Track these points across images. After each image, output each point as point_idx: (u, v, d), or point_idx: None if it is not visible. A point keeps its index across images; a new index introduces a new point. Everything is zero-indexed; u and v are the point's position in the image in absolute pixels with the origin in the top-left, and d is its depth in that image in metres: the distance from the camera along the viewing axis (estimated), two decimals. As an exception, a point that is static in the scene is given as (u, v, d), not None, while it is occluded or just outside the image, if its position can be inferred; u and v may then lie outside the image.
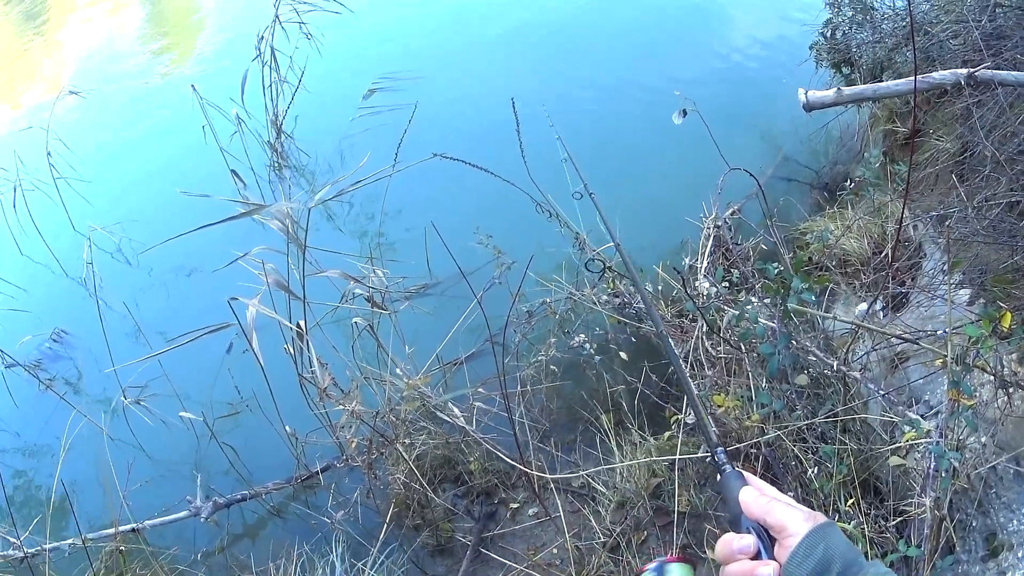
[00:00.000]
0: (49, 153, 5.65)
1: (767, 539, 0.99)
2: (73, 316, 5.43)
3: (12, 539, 3.78)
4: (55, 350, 5.36)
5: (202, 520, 3.93)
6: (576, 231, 3.52)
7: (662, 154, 5.41)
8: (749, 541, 0.98)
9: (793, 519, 0.96)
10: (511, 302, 3.19)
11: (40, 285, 5.77)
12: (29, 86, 9.59)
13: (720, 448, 1.16)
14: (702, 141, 3.69)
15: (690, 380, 1.32)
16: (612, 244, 2.06)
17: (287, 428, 3.65)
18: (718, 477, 1.11)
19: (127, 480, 3.96)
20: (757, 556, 0.98)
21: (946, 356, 2.60)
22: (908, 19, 4.97)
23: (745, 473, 1.08)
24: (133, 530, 3.91)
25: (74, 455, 4.13)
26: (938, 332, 2.99)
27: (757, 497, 1.02)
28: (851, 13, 5.48)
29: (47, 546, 3.74)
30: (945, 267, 3.82)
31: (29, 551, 3.76)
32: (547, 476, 3.29)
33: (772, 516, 0.98)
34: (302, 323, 3.29)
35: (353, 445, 3.37)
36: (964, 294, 3.69)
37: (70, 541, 3.83)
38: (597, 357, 3.56)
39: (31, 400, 5.07)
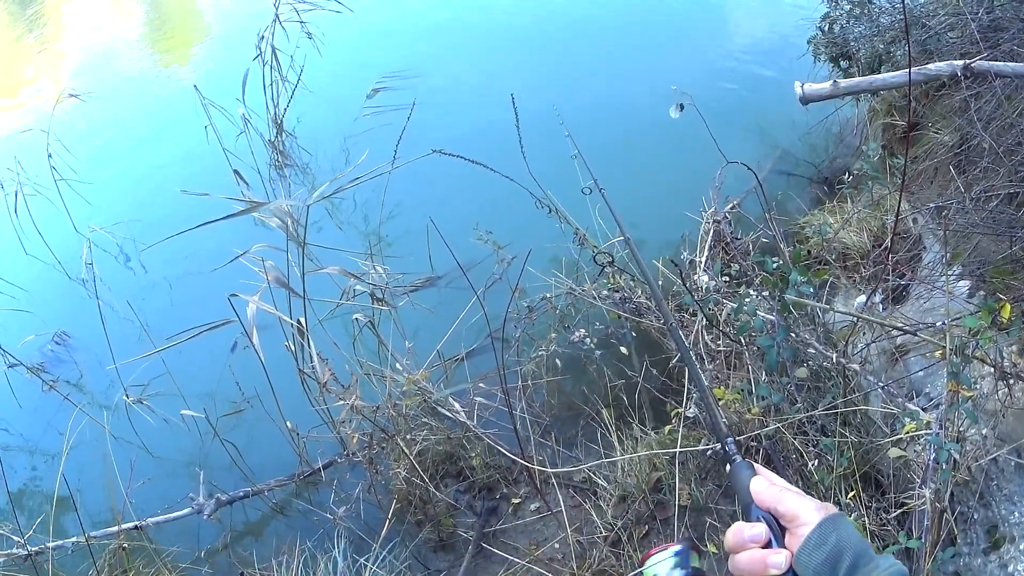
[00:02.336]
0: (50, 155, 5.66)
1: (778, 529, 0.99)
2: (75, 317, 5.43)
3: (16, 537, 3.78)
4: (57, 353, 5.36)
5: (205, 517, 3.94)
6: (576, 227, 3.52)
7: (661, 150, 5.41)
8: (760, 530, 0.98)
9: (805, 508, 0.97)
10: (510, 297, 3.19)
11: (42, 286, 5.78)
12: (26, 85, 9.56)
13: (730, 438, 1.15)
14: (701, 136, 3.69)
15: (700, 370, 1.31)
16: (622, 238, 2.06)
17: (288, 424, 3.65)
18: (727, 467, 1.11)
19: (130, 478, 3.96)
20: (768, 545, 0.98)
21: (945, 348, 2.60)
22: (903, 12, 4.97)
23: (754, 464, 1.08)
24: (136, 527, 3.90)
25: (77, 454, 4.11)
26: (937, 324, 2.99)
27: (768, 487, 1.01)
28: (848, 7, 5.48)
29: (51, 544, 3.74)
30: (945, 259, 3.83)
31: (33, 549, 3.76)
32: (548, 471, 3.30)
33: (784, 505, 0.98)
34: (302, 320, 3.29)
35: (354, 440, 3.37)
36: (964, 286, 3.69)
37: (73, 539, 3.83)
38: (598, 352, 3.57)
39: (34, 400, 5.08)
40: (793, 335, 3.10)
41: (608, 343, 3.67)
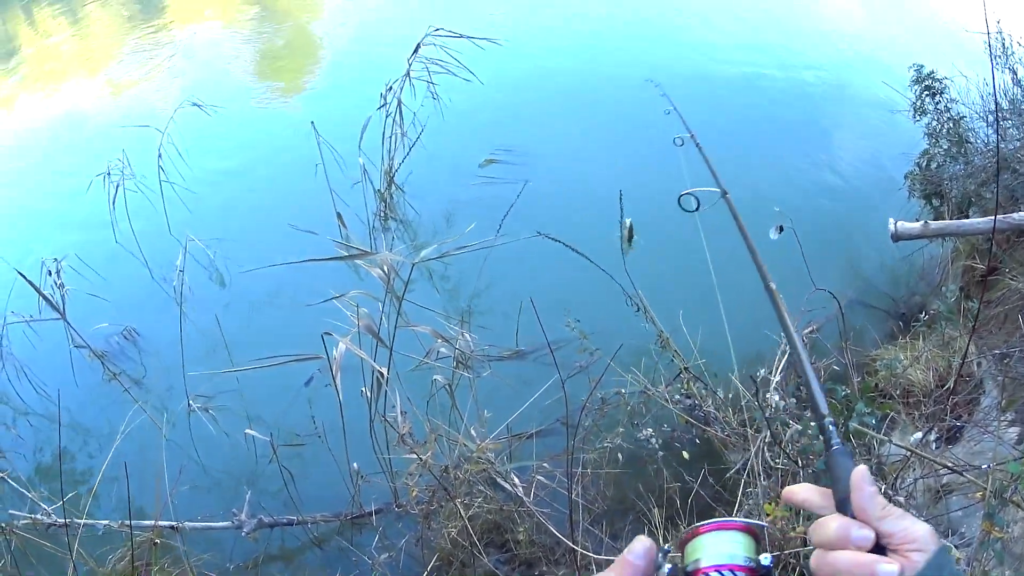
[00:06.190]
0: (160, 155, 5.97)
1: None
2: (147, 316, 5.71)
3: (44, 505, 3.96)
4: (123, 347, 5.61)
5: (243, 534, 4.08)
6: (660, 329, 3.69)
7: (749, 263, 5.46)
8: (870, 533, 0.88)
9: (921, 531, 0.88)
10: (590, 388, 3.35)
11: (121, 278, 6.06)
12: (147, 86, 10.02)
13: (829, 419, 1.06)
14: (788, 255, 3.82)
15: (796, 336, 1.30)
16: (718, 190, 2.20)
17: (355, 466, 3.81)
18: (824, 451, 1.03)
19: (177, 479, 4.13)
20: (875, 550, 0.89)
21: (986, 489, 2.73)
22: (996, 156, 5.11)
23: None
24: (173, 527, 4.04)
25: (125, 447, 4.24)
26: (983, 467, 3.12)
27: (874, 495, 0.91)
28: (947, 145, 5.63)
29: (81, 521, 3.88)
30: (1000, 405, 3.94)
31: (59, 520, 3.92)
32: (591, 555, 3.40)
33: (894, 523, 0.89)
34: (384, 370, 3.48)
35: (414, 494, 3.53)
36: (1014, 432, 3.79)
37: (105, 522, 4.01)
38: (660, 452, 3.69)
39: (90, 387, 5.31)
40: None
41: (671, 445, 3.78)
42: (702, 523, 0.93)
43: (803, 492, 0.99)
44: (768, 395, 3.68)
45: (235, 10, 12.58)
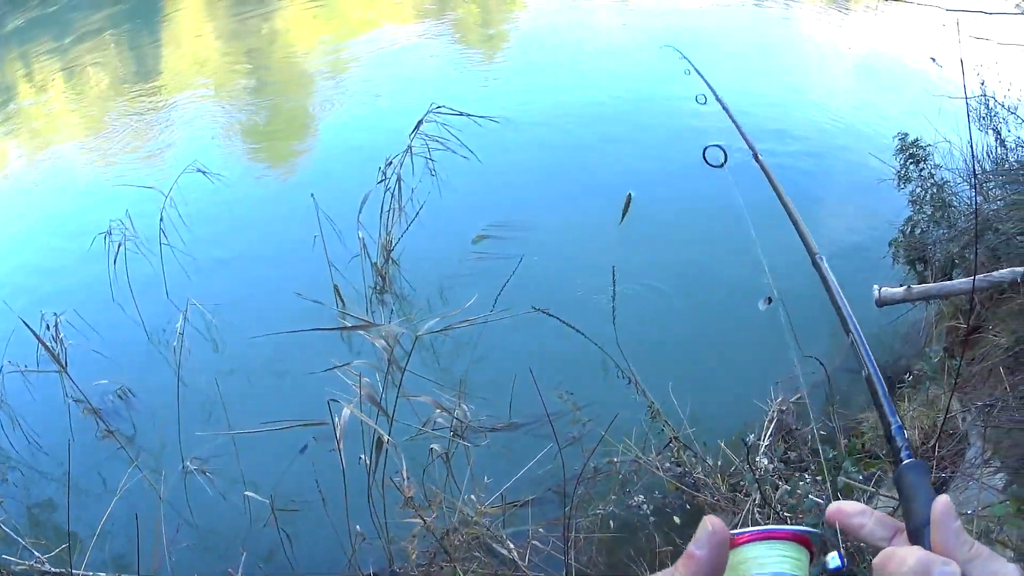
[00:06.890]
0: (162, 219, 6.14)
1: None
2: (141, 376, 5.84)
3: (37, 553, 4.06)
4: (116, 406, 5.71)
5: (240, 595, 4.16)
6: (651, 401, 3.84)
7: (733, 333, 5.64)
8: (956, 571, 0.74)
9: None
10: (583, 457, 3.49)
11: (117, 338, 6.20)
12: (152, 149, 10.29)
13: (898, 425, 0.95)
14: (776, 325, 3.98)
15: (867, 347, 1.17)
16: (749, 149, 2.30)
17: (357, 527, 3.90)
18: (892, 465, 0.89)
19: (174, 539, 4.24)
20: None
21: (972, 531, 2.89)
22: (975, 217, 5.29)
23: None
24: None
25: (117, 504, 4.34)
26: (967, 512, 3.27)
27: (960, 532, 0.78)
28: (930, 211, 5.81)
29: (79, 572, 3.96)
30: (984, 454, 4.10)
31: (55, 570, 4.02)
32: (583, 620, 3.51)
33: (982, 565, 0.77)
34: (387, 436, 3.61)
35: (413, 556, 3.63)
36: (999, 478, 3.95)
37: (103, 575, 4.08)
38: (652, 518, 3.82)
39: (82, 443, 5.36)
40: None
41: (662, 511, 3.92)
42: (740, 531, 0.80)
43: (858, 516, 0.84)
44: (757, 459, 3.83)
45: (230, 79, 12.84)
